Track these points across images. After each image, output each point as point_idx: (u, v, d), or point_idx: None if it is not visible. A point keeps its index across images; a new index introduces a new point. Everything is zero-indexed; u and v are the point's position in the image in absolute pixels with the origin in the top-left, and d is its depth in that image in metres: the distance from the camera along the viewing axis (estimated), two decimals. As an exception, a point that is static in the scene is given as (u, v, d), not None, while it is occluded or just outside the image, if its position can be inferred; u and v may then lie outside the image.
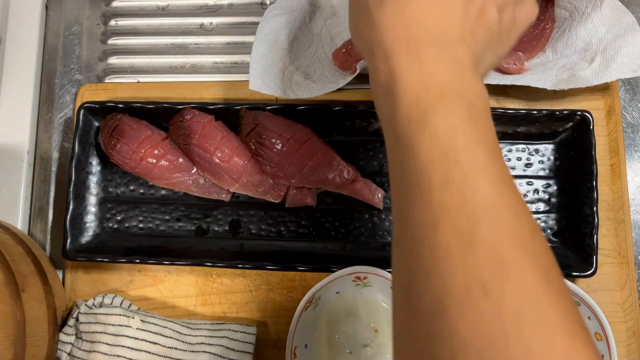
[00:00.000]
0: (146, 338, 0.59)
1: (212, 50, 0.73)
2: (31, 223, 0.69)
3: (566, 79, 0.62)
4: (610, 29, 0.62)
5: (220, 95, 0.68)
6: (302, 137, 0.61)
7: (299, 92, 0.63)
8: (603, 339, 0.56)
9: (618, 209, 0.63)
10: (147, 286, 0.64)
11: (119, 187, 0.66)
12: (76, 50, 0.73)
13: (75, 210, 0.64)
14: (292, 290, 0.64)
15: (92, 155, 0.66)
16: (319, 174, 0.62)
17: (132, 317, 0.60)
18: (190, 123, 0.61)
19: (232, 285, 0.64)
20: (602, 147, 0.65)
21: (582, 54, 0.64)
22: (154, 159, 0.62)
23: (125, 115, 0.64)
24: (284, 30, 0.65)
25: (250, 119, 0.62)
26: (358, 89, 0.68)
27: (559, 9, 0.66)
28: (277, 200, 0.64)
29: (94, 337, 0.60)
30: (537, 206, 0.63)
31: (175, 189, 0.65)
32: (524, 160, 0.64)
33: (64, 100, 0.72)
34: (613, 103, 0.66)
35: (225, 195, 0.64)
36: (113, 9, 0.74)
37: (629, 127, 0.68)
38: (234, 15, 0.73)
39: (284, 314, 0.63)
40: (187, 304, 0.64)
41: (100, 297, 0.62)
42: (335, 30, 0.69)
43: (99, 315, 0.60)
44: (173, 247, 0.64)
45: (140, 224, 0.65)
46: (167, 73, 0.72)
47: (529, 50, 0.66)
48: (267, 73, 0.63)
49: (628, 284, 0.62)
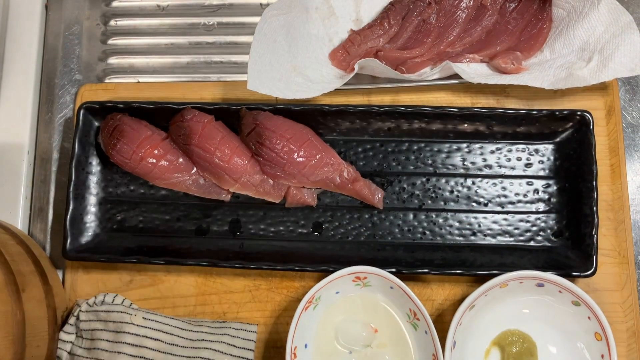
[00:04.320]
0: (147, 334, 0.59)
1: (212, 50, 0.73)
2: (31, 223, 0.69)
3: (564, 79, 0.62)
4: (607, 28, 0.62)
5: (220, 95, 0.68)
6: (302, 137, 0.61)
7: (298, 92, 0.63)
8: (603, 339, 0.56)
9: (618, 209, 0.63)
10: (147, 286, 0.64)
11: (119, 187, 0.66)
12: (76, 50, 0.73)
13: (75, 210, 0.64)
14: (292, 290, 0.64)
15: (92, 155, 0.66)
16: (319, 174, 0.62)
17: (133, 315, 0.60)
18: (190, 123, 0.62)
19: (232, 285, 0.64)
20: (602, 147, 0.65)
21: (580, 53, 0.64)
22: (154, 159, 0.62)
23: (125, 115, 0.64)
24: (283, 31, 0.65)
25: (250, 119, 0.62)
26: (357, 89, 0.68)
27: (557, 9, 0.66)
28: (277, 200, 0.64)
29: (94, 335, 0.60)
30: (537, 206, 0.63)
31: (175, 189, 0.65)
32: (524, 160, 0.64)
33: (64, 100, 0.72)
34: (613, 103, 0.66)
35: (225, 195, 0.64)
36: (113, 9, 0.74)
37: (629, 127, 0.68)
38: (234, 15, 0.73)
39: (284, 314, 0.63)
40: (187, 304, 0.64)
41: (102, 295, 0.62)
42: (333, 30, 0.69)
43: (100, 313, 0.60)
44: (173, 247, 0.64)
45: (140, 224, 0.65)
46: (167, 73, 0.72)
47: (527, 49, 0.67)
48: (265, 73, 0.63)
49: (628, 284, 0.62)
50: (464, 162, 0.65)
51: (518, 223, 0.63)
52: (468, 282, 0.63)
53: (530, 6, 0.67)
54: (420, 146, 0.65)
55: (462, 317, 0.56)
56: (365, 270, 0.58)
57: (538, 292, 0.59)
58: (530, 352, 0.59)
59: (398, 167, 0.65)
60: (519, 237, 0.63)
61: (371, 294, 0.61)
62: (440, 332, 0.57)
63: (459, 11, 0.66)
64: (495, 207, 0.64)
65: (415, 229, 0.64)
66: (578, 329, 0.58)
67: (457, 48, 0.67)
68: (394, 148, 0.65)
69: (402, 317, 0.60)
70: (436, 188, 0.64)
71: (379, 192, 0.64)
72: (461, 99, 0.67)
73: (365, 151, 0.65)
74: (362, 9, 0.69)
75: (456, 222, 0.64)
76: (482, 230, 0.63)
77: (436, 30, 0.67)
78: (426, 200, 0.64)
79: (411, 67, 0.67)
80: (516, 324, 0.60)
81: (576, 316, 0.58)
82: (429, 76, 0.66)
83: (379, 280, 0.58)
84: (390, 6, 0.68)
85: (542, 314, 0.60)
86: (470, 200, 0.64)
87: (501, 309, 0.60)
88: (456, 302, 0.63)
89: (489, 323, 0.60)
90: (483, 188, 0.64)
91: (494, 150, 0.65)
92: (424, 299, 0.63)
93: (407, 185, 0.65)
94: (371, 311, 0.61)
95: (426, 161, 0.65)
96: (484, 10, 0.67)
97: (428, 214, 0.64)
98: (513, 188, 0.64)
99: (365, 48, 0.67)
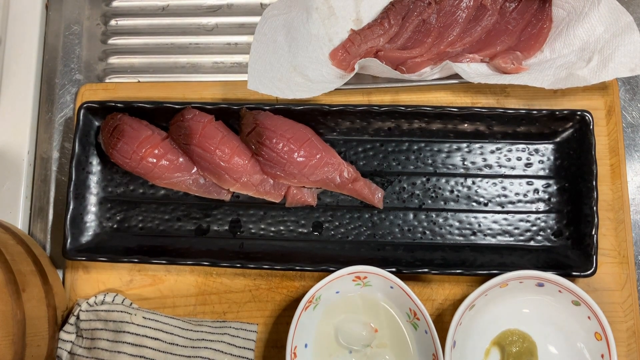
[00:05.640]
0: (147, 334, 0.59)
1: (212, 50, 0.73)
2: (31, 223, 0.69)
3: (564, 78, 0.62)
4: (607, 28, 0.63)
5: (220, 95, 0.68)
6: (302, 137, 0.61)
7: (298, 92, 0.63)
8: (603, 339, 0.56)
9: (618, 209, 0.63)
10: (147, 286, 0.64)
11: (119, 187, 0.66)
12: (76, 50, 0.73)
13: (75, 210, 0.64)
14: (292, 290, 0.64)
15: (92, 155, 0.66)
16: (319, 174, 0.62)
17: (133, 314, 0.60)
18: (191, 123, 0.62)
19: (232, 285, 0.64)
20: (602, 147, 0.65)
21: (580, 53, 0.64)
22: (154, 159, 0.62)
23: (125, 115, 0.64)
24: (283, 31, 0.65)
25: (250, 118, 0.62)
26: (357, 89, 0.68)
27: (557, 9, 0.66)
28: (277, 200, 0.64)
29: (94, 334, 0.60)
30: (537, 206, 0.63)
31: (175, 189, 0.65)
32: (524, 160, 0.64)
33: (64, 100, 0.72)
34: (613, 103, 0.66)
35: (226, 194, 0.64)
36: (113, 9, 0.74)
37: (629, 127, 0.68)
38: (234, 15, 0.73)
39: (284, 314, 0.63)
40: (187, 304, 0.64)
41: (102, 295, 0.62)
42: (333, 30, 0.69)
43: (100, 312, 0.60)
44: (173, 247, 0.64)
45: (140, 224, 0.65)
46: (167, 73, 0.72)
47: (527, 49, 0.67)
48: (265, 73, 0.63)
49: (628, 283, 0.62)
50: (464, 162, 0.65)
51: (518, 223, 0.63)
52: (468, 282, 0.63)
53: (530, 6, 0.67)
54: (420, 146, 0.65)
55: (462, 317, 0.56)
56: (365, 270, 0.58)
57: (538, 292, 0.59)
58: (530, 352, 0.59)
59: (398, 167, 0.65)
60: (519, 236, 0.63)
61: (371, 293, 0.61)
62: (440, 332, 0.57)
63: (459, 11, 0.66)
64: (495, 206, 0.64)
65: (415, 228, 0.64)
66: (578, 328, 0.58)
67: (457, 48, 0.67)
68: (394, 148, 0.65)
69: (402, 316, 0.60)
70: (436, 188, 0.64)
71: (379, 191, 0.64)
72: (461, 99, 0.67)
73: (365, 151, 0.65)
74: (362, 9, 0.69)
75: (456, 221, 0.64)
76: (482, 230, 0.63)
77: (436, 30, 0.67)
78: (426, 200, 0.64)
79: (411, 67, 0.67)
80: (516, 324, 0.60)
81: (576, 316, 0.58)
82: (429, 76, 0.67)
83: (379, 280, 0.58)
84: (390, 6, 0.68)
85: (542, 314, 0.60)
86: (470, 200, 0.64)
87: (501, 309, 0.60)
88: (456, 302, 0.63)
89: (489, 323, 0.60)
90: (483, 188, 0.64)
91: (494, 150, 0.65)
92: (424, 298, 0.63)
93: (407, 185, 0.65)
94: (371, 311, 0.61)
95: (426, 161, 0.65)
96: (484, 10, 0.67)
97: (428, 214, 0.64)
98: (513, 188, 0.64)
99: (365, 48, 0.67)
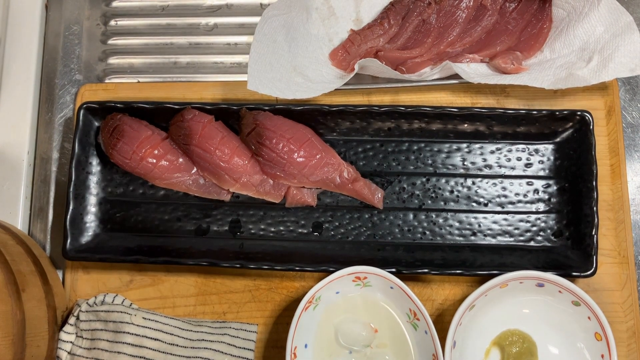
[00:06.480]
0: (147, 334, 0.59)
1: (212, 51, 0.73)
2: (31, 223, 0.69)
3: (564, 79, 0.62)
4: (607, 28, 0.63)
5: (221, 95, 0.68)
6: (302, 137, 0.61)
7: (298, 92, 0.63)
8: (603, 339, 0.56)
9: (618, 209, 0.63)
10: (147, 286, 0.64)
11: (118, 187, 0.66)
12: (76, 50, 0.73)
13: (75, 210, 0.64)
14: (292, 290, 0.64)
15: (92, 155, 0.66)
16: (319, 174, 0.62)
17: (133, 315, 0.60)
18: (191, 123, 0.62)
19: (232, 285, 0.64)
20: (602, 147, 0.65)
21: (580, 53, 0.64)
22: (154, 159, 0.62)
23: (125, 115, 0.64)
24: (282, 31, 0.65)
25: (250, 119, 0.62)
26: (357, 89, 0.68)
27: (557, 9, 0.66)
28: (277, 200, 0.64)
29: (94, 335, 0.60)
30: (537, 206, 0.63)
31: (175, 189, 0.65)
32: (524, 160, 0.64)
33: (64, 101, 0.72)
34: (613, 103, 0.66)
35: (225, 195, 0.64)
36: (113, 9, 0.74)
37: (629, 127, 0.68)
38: (234, 16, 0.73)
39: (284, 314, 0.63)
40: (187, 304, 0.64)
41: (102, 295, 0.62)
42: (333, 30, 0.69)
43: (100, 313, 0.60)
44: (173, 247, 0.64)
45: (140, 224, 0.65)
46: (167, 73, 0.72)
47: (527, 49, 0.67)
48: (265, 73, 0.63)
49: (628, 284, 0.62)
50: (464, 162, 0.65)
51: (518, 223, 0.63)
52: (468, 282, 0.63)
53: (530, 6, 0.67)
54: (420, 146, 0.65)
55: (462, 317, 0.56)
56: (365, 270, 0.58)
57: (538, 292, 0.59)
58: (530, 352, 0.59)
59: (398, 167, 0.65)
60: (519, 237, 0.63)
61: (371, 294, 0.61)
62: (440, 332, 0.57)
63: (459, 11, 0.66)
64: (495, 207, 0.64)
65: (415, 229, 0.64)
66: (578, 329, 0.58)
67: (457, 48, 0.67)
68: (394, 148, 0.65)
69: (402, 317, 0.60)
70: (436, 188, 0.64)
71: (379, 192, 0.64)
72: (461, 99, 0.67)
73: (365, 151, 0.65)
74: (362, 9, 0.69)
75: (456, 222, 0.64)
76: (482, 230, 0.63)
77: (436, 30, 0.67)
78: (426, 200, 0.64)
79: (411, 67, 0.67)
80: (516, 324, 0.60)
81: (576, 316, 0.58)
82: (429, 76, 0.67)
83: (379, 280, 0.58)
84: (390, 6, 0.68)
85: (542, 314, 0.60)
86: (470, 200, 0.64)
87: (501, 309, 0.60)
88: (456, 302, 0.63)
89: (489, 323, 0.60)
90: (483, 188, 0.64)
91: (494, 150, 0.65)
92: (424, 299, 0.63)
93: (407, 185, 0.65)
94: (371, 311, 0.61)
95: (426, 161, 0.65)
96: (484, 10, 0.67)
97: (428, 214, 0.64)
98: (513, 188, 0.64)
99: (365, 48, 0.67)
